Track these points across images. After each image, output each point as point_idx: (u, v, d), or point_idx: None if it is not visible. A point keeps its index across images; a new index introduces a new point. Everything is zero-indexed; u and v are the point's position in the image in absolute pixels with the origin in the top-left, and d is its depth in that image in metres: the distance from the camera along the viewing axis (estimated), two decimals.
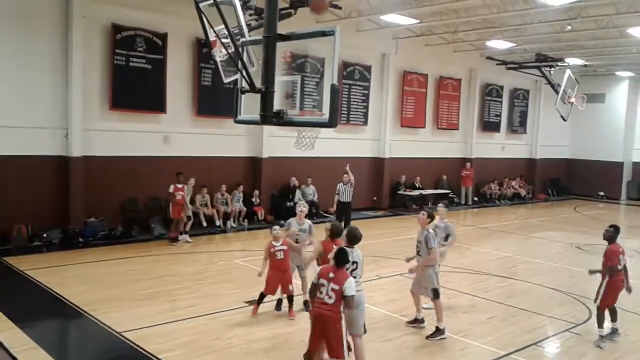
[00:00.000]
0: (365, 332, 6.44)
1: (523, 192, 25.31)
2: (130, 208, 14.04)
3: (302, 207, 8.95)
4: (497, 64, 22.83)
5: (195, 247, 13.23)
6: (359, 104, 19.18)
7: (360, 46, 18.23)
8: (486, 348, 7.42)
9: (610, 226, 8.11)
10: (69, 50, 12.79)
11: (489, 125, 24.58)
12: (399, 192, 20.22)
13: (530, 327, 8.38)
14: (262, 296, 8.44)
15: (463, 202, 22.61)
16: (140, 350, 6.93)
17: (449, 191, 22.15)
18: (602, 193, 27.14)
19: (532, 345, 7.63)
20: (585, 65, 23.06)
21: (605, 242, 8.07)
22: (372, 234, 14.23)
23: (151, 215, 14.15)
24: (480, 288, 10.42)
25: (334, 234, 7.06)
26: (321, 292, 5.76)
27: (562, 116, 21.18)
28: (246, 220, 15.69)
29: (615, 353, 7.67)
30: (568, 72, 20.47)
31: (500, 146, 25.30)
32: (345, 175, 14.38)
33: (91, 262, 11.27)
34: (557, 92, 20.61)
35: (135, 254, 12.15)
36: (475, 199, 23.17)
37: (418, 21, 16.40)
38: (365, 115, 19.42)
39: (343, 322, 5.84)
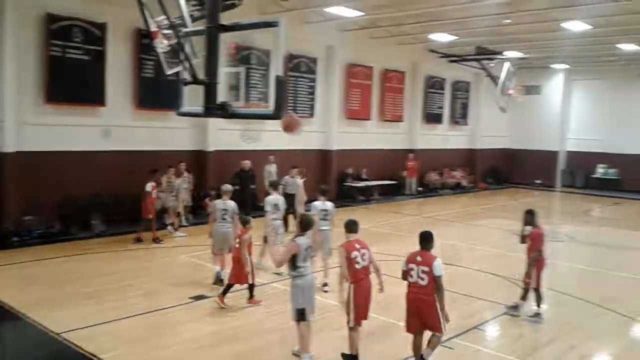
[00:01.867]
0: (304, 319, 6.47)
1: (465, 182, 26.07)
2: (69, 205, 13.50)
3: (224, 187, 9.82)
4: (440, 57, 23.36)
5: (139, 244, 12.88)
6: (306, 96, 19.20)
7: (307, 38, 18.22)
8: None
9: (528, 211, 8.56)
10: (1, 41, 12.16)
11: (432, 117, 25.15)
12: (345, 183, 20.41)
13: (471, 312, 8.68)
14: (228, 286, 8.56)
15: (408, 192, 23.04)
16: (81, 350, 6.72)
17: (395, 181, 22.54)
18: (538, 181, 28.36)
19: (473, 329, 7.92)
20: (523, 58, 23.93)
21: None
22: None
23: (91, 212, 13.66)
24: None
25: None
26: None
27: (501, 108, 21.96)
28: (190, 216, 15.38)
29: (550, 334, 8.05)
30: (507, 64, 21.21)
31: (443, 137, 25.95)
32: (295, 169, 14.36)
33: (27, 262, 10.82)
34: (496, 84, 21.35)
35: (75, 253, 11.73)
36: (420, 189, 23.67)
37: (363, 14, 16.52)
38: (312, 107, 19.46)
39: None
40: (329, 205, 10.00)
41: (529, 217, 8.54)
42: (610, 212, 22.48)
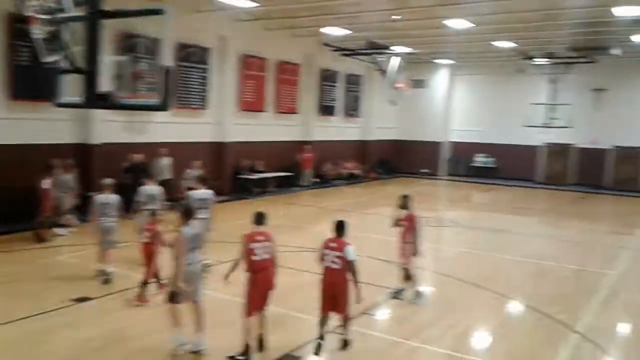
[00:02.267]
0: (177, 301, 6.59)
1: (357, 172, 26.91)
2: None
3: (105, 181, 9.65)
4: (333, 50, 23.81)
5: (15, 244, 11.93)
6: (198, 87, 18.74)
7: (199, 28, 17.77)
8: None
9: (404, 195, 9.14)
10: None
11: (326, 109, 25.64)
12: (240, 176, 20.22)
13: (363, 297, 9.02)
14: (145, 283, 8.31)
15: (304, 183, 23.36)
16: None
17: (291, 173, 22.72)
18: (425, 170, 30.01)
19: (365, 314, 8.24)
20: (411, 53, 25.04)
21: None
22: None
23: None
24: (313, 264, 10.90)
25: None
26: None
27: (391, 100, 22.86)
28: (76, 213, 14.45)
29: (433, 314, 8.61)
30: (396, 59, 22.08)
31: (338, 129, 26.56)
32: (198, 162, 14.11)
33: None
34: (387, 78, 22.16)
35: None
36: (316, 180, 24.07)
37: (257, 4, 16.41)
38: (205, 99, 19.05)
39: None
40: (207, 193, 9.97)
41: (405, 201, 9.08)
42: (488, 198, 24.34)
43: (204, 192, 9.93)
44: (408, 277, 9.08)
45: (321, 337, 6.84)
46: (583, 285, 10.69)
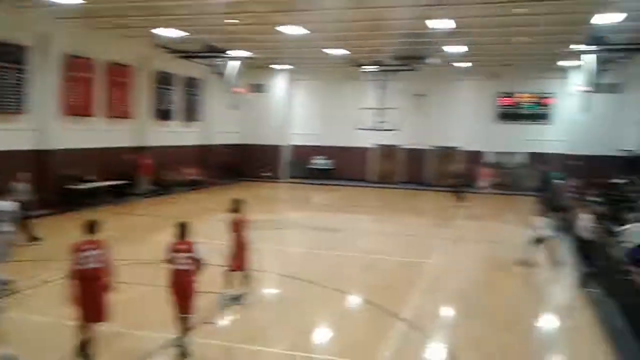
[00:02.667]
0: None
1: (199, 178, 26.39)
2: None
3: None
4: (169, 53, 23.04)
5: None
6: (13, 89, 16.90)
7: (14, 24, 16.06)
8: (157, 335, 7.57)
9: (235, 199, 9.33)
10: None
11: (164, 114, 24.76)
12: (67, 186, 18.49)
13: (202, 306, 8.88)
14: None
15: (142, 191, 22.26)
16: None
17: (127, 181, 21.47)
18: (268, 174, 30.48)
19: (204, 323, 8.10)
20: (250, 58, 25.23)
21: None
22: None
23: None
24: (157, 276, 10.48)
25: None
26: None
27: (230, 104, 22.86)
28: None
29: (274, 315, 8.78)
30: (235, 63, 22.14)
31: (177, 134, 25.80)
32: (24, 174, 12.72)
33: None
34: (226, 82, 22.12)
35: None
36: (154, 188, 23.10)
37: (82, 1, 15.27)
38: (22, 102, 17.23)
39: None
40: (6, 205, 9.40)
41: (235, 205, 9.25)
42: (326, 198, 25.46)
43: (2, 204, 9.12)
44: (245, 279, 9.17)
45: (180, 343, 6.92)
46: (408, 275, 11.67)
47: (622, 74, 24.92)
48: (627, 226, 11.59)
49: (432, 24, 17.07)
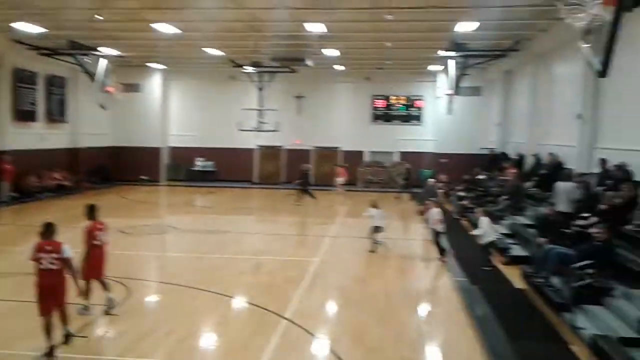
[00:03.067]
0: None
1: (68, 183, 24.59)
2: None
3: None
4: (29, 49, 21.19)
5: None
6: None
7: None
8: (24, 353, 6.94)
9: (89, 205, 8.94)
10: None
11: (24, 115, 22.72)
12: None
13: (71, 319, 8.26)
14: None
15: (1, 199, 20.23)
16: None
17: None
18: (145, 177, 29.16)
19: (75, 337, 7.53)
20: (120, 56, 23.97)
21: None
22: None
23: None
24: (17, 291, 9.59)
25: None
26: None
27: (101, 105, 21.56)
28: None
29: (150, 324, 8.39)
30: (103, 61, 20.90)
31: (40, 136, 23.81)
32: None
33: None
34: (94, 81, 20.82)
35: None
36: (16, 195, 21.11)
37: None
38: None
39: None
40: None
41: (89, 211, 8.85)
42: (208, 201, 24.95)
43: None
44: (104, 287, 8.79)
45: (51, 349, 6.89)
46: (291, 274, 11.74)
47: (481, 78, 27.24)
48: (481, 220, 12.69)
49: (307, 27, 17.40)
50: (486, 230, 12.40)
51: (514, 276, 11.33)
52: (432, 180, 20.37)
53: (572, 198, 12.49)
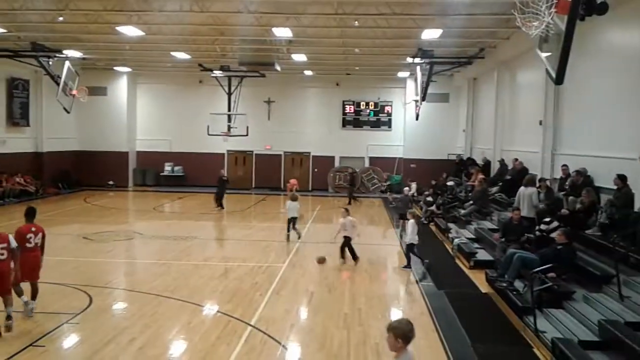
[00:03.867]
0: None
1: (32, 188, 23.96)
2: None
3: None
4: None
5: None
6: None
7: None
8: None
9: (27, 207, 9.11)
10: None
11: None
12: None
13: (29, 328, 8.04)
14: None
15: None
16: None
17: None
18: (111, 182, 28.62)
19: (30, 346, 7.34)
20: (84, 58, 23.51)
21: None
22: None
23: None
24: None
25: None
26: None
27: (65, 108, 21.11)
28: None
29: (112, 332, 8.20)
30: (67, 64, 20.47)
31: (1, 140, 23.17)
32: None
33: None
34: (57, 84, 20.37)
35: None
36: None
37: None
38: None
39: None
40: None
41: (26, 214, 8.96)
42: (177, 206, 24.59)
43: None
44: (33, 291, 8.67)
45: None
46: (260, 280, 11.65)
47: (448, 85, 27.67)
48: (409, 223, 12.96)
49: (274, 31, 17.38)
50: (410, 232, 12.82)
51: (480, 280, 11.47)
52: (407, 189, 20.17)
53: (535, 203, 12.74)
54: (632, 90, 10.86)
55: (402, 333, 4.17)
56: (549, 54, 6.74)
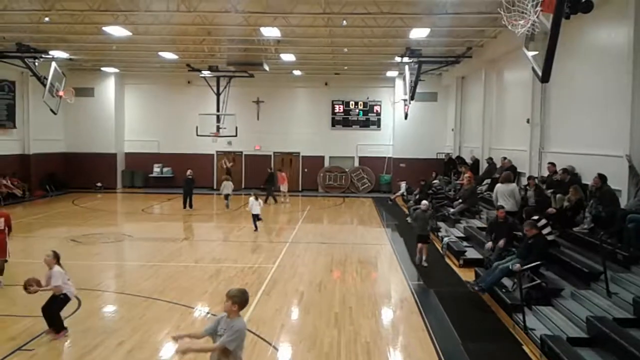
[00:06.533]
0: None
1: (19, 191, 23.73)
2: None
3: None
4: None
5: None
6: None
7: None
8: None
9: None
10: None
11: None
12: None
13: (13, 333, 7.96)
14: None
15: None
16: None
17: None
18: (99, 184, 28.40)
19: (17, 350, 7.26)
20: (71, 59, 23.31)
21: None
22: None
23: None
24: None
25: None
26: None
27: (51, 109, 20.92)
28: None
29: (100, 335, 8.13)
30: (53, 64, 20.28)
31: None
32: None
33: None
34: (44, 85, 20.18)
35: None
36: None
37: None
38: None
39: None
40: None
41: None
42: (166, 208, 24.44)
43: None
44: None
45: None
46: (250, 281, 11.61)
47: (436, 84, 27.78)
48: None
49: (262, 31, 17.34)
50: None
51: (469, 278, 11.51)
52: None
53: (517, 199, 12.90)
54: (617, 88, 10.95)
55: (239, 301, 5.18)
56: (535, 52, 6.79)
